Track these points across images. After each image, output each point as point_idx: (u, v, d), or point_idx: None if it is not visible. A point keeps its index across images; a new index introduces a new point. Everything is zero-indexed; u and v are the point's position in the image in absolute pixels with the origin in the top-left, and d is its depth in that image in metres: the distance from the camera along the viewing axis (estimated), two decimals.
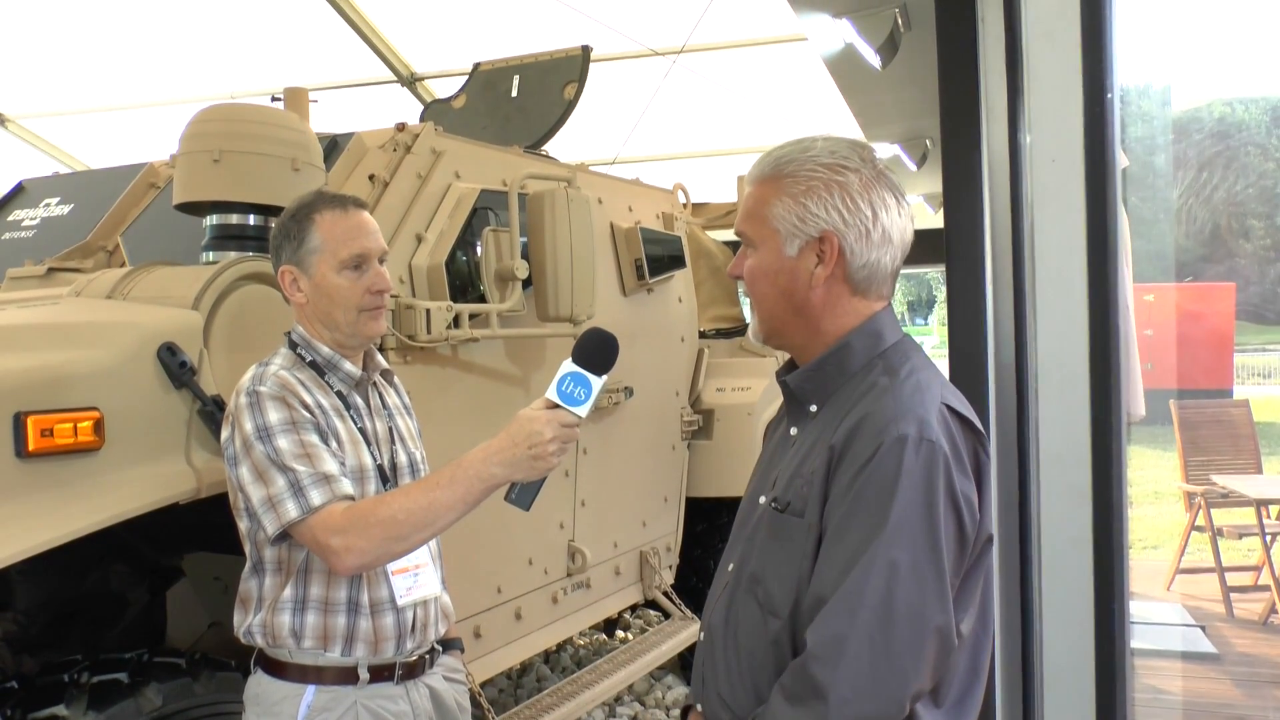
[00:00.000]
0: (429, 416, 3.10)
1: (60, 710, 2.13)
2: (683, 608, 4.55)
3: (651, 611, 5.66)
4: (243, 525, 2.01)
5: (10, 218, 3.69)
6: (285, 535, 1.91)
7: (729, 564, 1.60)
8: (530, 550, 3.63)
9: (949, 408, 1.44)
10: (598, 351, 1.81)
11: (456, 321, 3.10)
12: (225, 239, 2.72)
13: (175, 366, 2.33)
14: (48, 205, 3.63)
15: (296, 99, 3.22)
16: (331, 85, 6.96)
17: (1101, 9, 1.88)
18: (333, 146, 3.19)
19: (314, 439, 1.92)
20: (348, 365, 2.07)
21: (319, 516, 1.85)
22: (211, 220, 2.77)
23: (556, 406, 1.81)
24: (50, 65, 7.15)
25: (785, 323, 1.54)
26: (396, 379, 2.29)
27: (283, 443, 1.89)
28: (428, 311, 2.99)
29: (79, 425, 2.14)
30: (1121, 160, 1.99)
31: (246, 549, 2.03)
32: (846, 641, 1.33)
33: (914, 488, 1.36)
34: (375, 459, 2.05)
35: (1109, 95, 1.87)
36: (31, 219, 3.61)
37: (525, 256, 3.32)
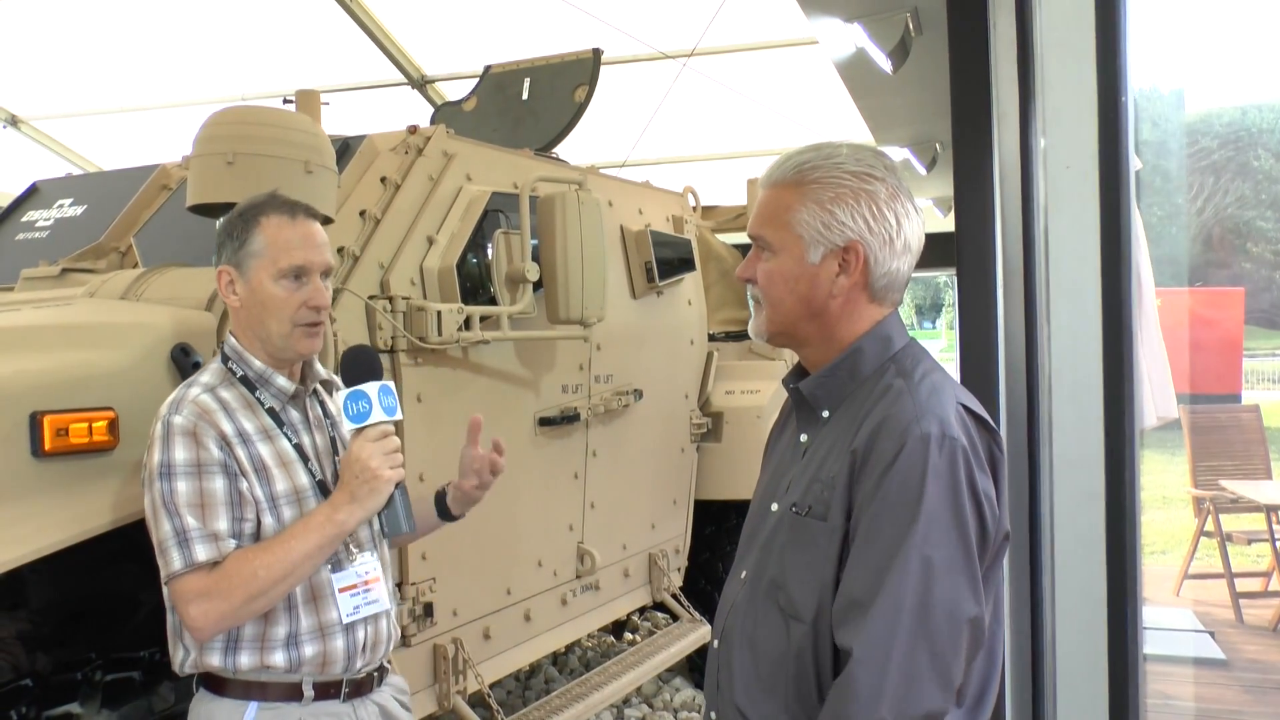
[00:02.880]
0: (439, 418, 3.11)
1: (74, 708, 2.14)
2: (691, 610, 4.55)
3: (660, 614, 5.66)
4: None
5: (24, 218, 3.71)
6: None
7: (741, 572, 1.60)
8: (540, 552, 3.64)
9: (965, 407, 1.46)
10: (356, 366, 1.94)
11: (467, 323, 3.12)
12: None
13: (189, 367, 2.35)
14: (61, 206, 3.65)
15: (308, 101, 3.23)
16: (343, 87, 6.98)
17: (1116, 13, 1.88)
18: (344, 149, 3.20)
19: (216, 486, 1.84)
20: (280, 380, 1.98)
21: (191, 576, 1.80)
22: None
23: (360, 431, 1.89)
24: (63, 67, 7.19)
25: (798, 326, 1.54)
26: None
27: (181, 485, 1.82)
28: (439, 313, 3.00)
29: (94, 425, 2.15)
30: (1134, 163, 1.99)
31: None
32: (891, 642, 1.34)
33: (940, 484, 1.37)
34: (315, 474, 1.97)
35: (1123, 100, 1.87)
36: (45, 220, 3.63)
37: (536, 259, 3.33)
